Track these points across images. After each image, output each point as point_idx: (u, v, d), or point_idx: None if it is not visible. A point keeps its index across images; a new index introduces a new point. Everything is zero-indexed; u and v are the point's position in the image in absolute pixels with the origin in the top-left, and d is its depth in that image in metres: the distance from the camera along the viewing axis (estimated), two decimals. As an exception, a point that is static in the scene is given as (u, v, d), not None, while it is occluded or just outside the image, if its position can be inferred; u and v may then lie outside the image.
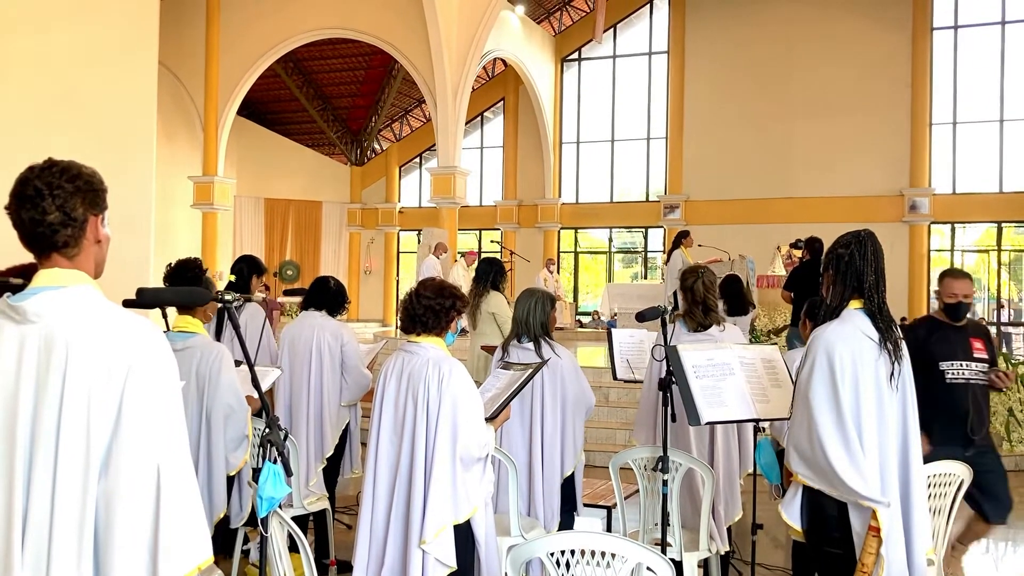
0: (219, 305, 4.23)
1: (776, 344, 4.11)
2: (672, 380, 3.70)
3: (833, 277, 3.12)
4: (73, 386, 1.74)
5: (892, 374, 3.04)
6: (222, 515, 3.84)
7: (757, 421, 3.71)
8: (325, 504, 5.00)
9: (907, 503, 3.04)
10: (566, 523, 4.56)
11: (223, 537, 4.45)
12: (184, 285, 3.91)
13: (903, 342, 3.11)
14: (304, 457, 4.94)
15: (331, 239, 25.76)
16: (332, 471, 5.20)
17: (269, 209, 24.69)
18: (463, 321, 3.93)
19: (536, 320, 4.50)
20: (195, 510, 1.80)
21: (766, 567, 5.34)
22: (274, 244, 24.78)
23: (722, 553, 4.30)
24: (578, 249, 25.20)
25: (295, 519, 4.99)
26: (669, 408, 3.72)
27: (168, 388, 1.82)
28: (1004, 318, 21.88)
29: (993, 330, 21.18)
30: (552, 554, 2.58)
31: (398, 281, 26.19)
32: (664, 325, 3.91)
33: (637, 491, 4.44)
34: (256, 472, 2.75)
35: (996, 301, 21.88)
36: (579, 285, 25.15)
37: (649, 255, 24.31)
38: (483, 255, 21.85)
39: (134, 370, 1.77)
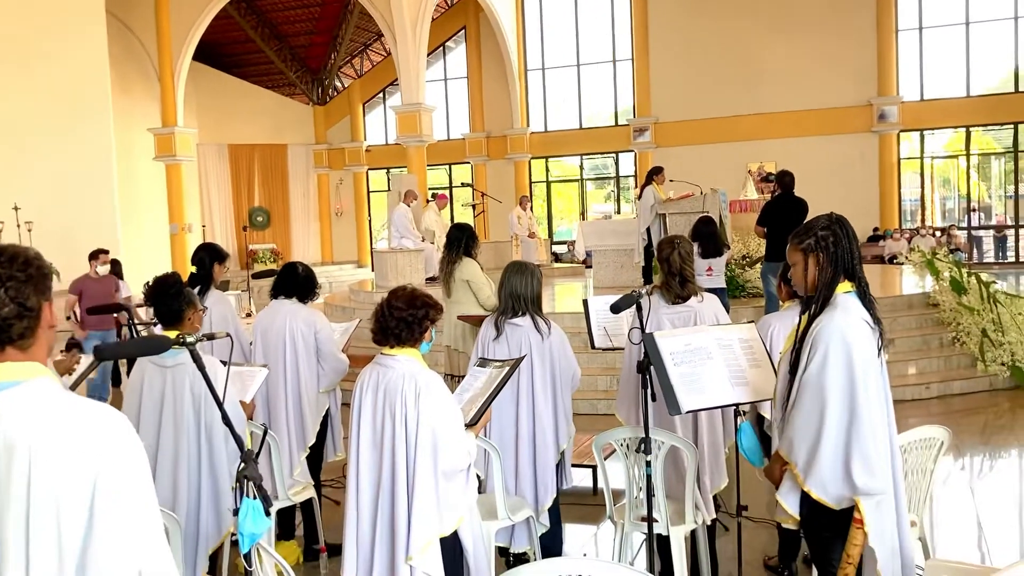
0: (202, 311, 4.19)
1: (751, 322, 4.09)
2: (650, 364, 3.66)
3: (823, 261, 3.05)
4: (39, 494, 1.68)
5: (879, 354, 3.05)
6: (229, 532, 3.83)
7: (737, 405, 3.70)
8: (311, 492, 4.99)
9: (896, 483, 3.06)
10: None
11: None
12: (165, 303, 3.89)
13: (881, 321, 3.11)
14: (286, 448, 4.91)
15: (299, 182, 25.38)
16: (316, 458, 5.17)
17: (233, 155, 24.23)
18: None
19: (530, 294, 4.55)
20: None
21: (752, 520, 5.40)
22: (241, 190, 24.39)
23: (708, 523, 4.34)
24: (550, 178, 25.00)
25: (283, 511, 5.00)
26: (649, 390, 3.69)
27: (140, 487, 1.75)
28: (975, 222, 22.08)
29: (964, 234, 21.41)
30: (542, 581, 2.58)
31: (370, 221, 25.94)
32: (640, 310, 3.86)
33: (615, 451, 4.46)
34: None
35: (967, 202, 22.04)
36: (552, 212, 25.04)
37: (621, 179, 24.20)
38: (453, 191, 21.64)
39: (103, 475, 1.70)
